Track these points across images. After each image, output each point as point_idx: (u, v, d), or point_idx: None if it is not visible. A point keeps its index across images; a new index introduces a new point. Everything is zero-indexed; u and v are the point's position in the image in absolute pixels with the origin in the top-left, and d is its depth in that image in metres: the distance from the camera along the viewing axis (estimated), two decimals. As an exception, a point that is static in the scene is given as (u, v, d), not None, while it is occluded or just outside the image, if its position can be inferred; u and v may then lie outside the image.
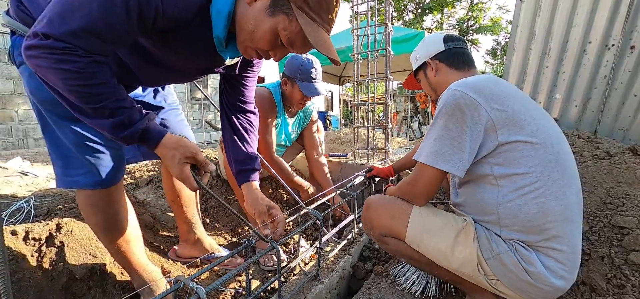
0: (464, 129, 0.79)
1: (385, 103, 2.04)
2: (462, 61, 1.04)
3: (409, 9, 14.70)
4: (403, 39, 4.54)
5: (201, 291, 0.62)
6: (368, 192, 1.63)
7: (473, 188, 0.87)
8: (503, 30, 15.68)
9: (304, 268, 1.19)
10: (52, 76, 0.60)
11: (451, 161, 0.80)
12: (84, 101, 0.63)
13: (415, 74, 1.18)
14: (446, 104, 0.82)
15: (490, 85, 0.82)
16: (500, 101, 0.79)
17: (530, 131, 0.78)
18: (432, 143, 0.84)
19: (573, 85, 1.96)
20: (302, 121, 1.88)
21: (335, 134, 4.12)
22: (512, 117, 0.78)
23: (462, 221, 0.88)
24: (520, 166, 0.77)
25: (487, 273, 0.83)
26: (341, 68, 8.15)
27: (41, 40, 0.57)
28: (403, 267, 1.13)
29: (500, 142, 0.78)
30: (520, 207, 0.78)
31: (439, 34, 1.08)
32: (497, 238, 0.82)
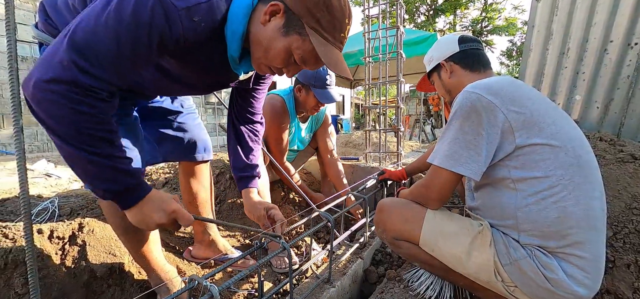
0: (480, 132, 0.77)
1: (398, 106, 2.02)
2: (477, 62, 1.02)
3: (420, 11, 14.56)
4: (415, 41, 4.50)
5: (214, 289, 0.63)
6: (380, 195, 1.62)
7: (490, 192, 0.85)
8: (519, 31, 15.30)
9: (316, 270, 1.19)
10: (66, 115, 0.56)
11: (467, 164, 0.79)
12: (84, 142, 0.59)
13: (429, 76, 1.17)
14: (461, 107, 0.81)
15: (507, 86, 0.81)
16: (517, 103, 0.77)
17: (549, 133, 0.75)
18: (446, 146, 0.83)
19: (594, 85, 1.89)
20: (315, 124, 1.90)
21: (346, 137, 4.12)
22: (530, 119, 0.76)
23: (478, 226, 0.85)
24: (539, 169, 0.75)
25: (505, 279, 0.80)
26: (352, 71, 8.15)
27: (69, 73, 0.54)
28: (417, 272, 1.11)
29: (518, 145, 0.76)
30: (539, 212, 0.75)
31: (454, 35, 1.06)
32: (515, 244, 0.79)
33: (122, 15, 0.57)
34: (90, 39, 0.56)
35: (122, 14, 0.57)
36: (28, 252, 0.41)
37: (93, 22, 0.57)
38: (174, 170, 2.10)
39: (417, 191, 0.96)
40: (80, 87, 0.55)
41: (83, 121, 0.57)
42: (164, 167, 2.20)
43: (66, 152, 0.59)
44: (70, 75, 0.54)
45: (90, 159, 0.59)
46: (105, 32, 0.57)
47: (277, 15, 0.70)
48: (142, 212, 0.68)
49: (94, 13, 0.58)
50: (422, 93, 7.32)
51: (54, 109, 0.55)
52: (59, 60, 0.55)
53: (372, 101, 2.22)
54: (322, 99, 1.59)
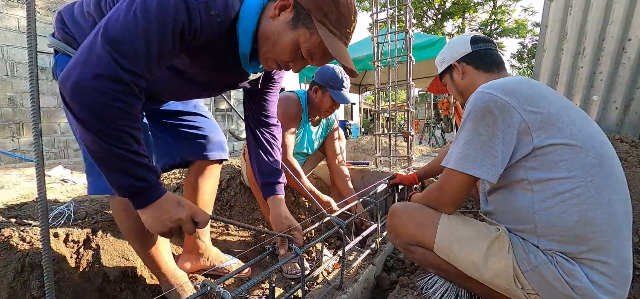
0: (495, 133, 0.75)
1: (408, 110, 2.00)
2: (490, 63, 1.00)
3: (428, 16, 14.51)
4: (423, 45, 4.49)
5: (227, 295, 0.63)
6: (391, 200, 1.59)
7: (505, 195, 0.82)
8: (529, 33, 15.04)
9: (327, 277, 1.17)
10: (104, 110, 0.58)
11: (483, 167, 0.76)
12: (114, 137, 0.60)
13: (441, 77, 1.15)
14: (475, 108, 0.78)
15: (522, 86, 0.78)
16: (534, 103, 0.75)
17: (569, 133, 0.72)
18: (460, 148, 0.80)
19: (612, 85, 1.83)
20: (325, 129, 1.89)
21: (355, 142, 4.10)
22: (548, 119, 0.73)
23: (495, 230, 0.82)
24: (558, 171, 0.72)
25: (525, 286, 0.77)
26: (360, 76, 8.15)
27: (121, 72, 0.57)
28: (431, 278, 1.08)
29: (535, 146, 0.73)
30: (559, 216, 0.72)
31: (466, 36, 1.04)
32: (534, 249, 0.76)
33: (148, 8, 0.60)
34: (123, 34, 0.58)
35: (148, 7, 0.60)
36: (45, 255, 0.41)
37: (122, 18, 0.59)
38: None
39: (430, 195, 0.94)
40: (119, 82, 0.58)
41: (117, 116, 0.59)
42: (175, 172, 2.23)
43: (95, 146, 0.60)
44: (112, 70, 0.57)
45: (118, 154, 0.61)
46: (135, 27, 0.59)
47: (287, 10, 0.72)
48: (159, 210, 0.69)
49: (122, 10, 0.60)
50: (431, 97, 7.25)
51: (93, 104, 0.57)
52: (98, 56, 0.57)
53: (381, 106, 2.20)
54: (339, 100, 1.62)
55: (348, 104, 1.67)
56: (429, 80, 7.18)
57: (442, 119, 7.62)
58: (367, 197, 1.39)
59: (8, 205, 1.43)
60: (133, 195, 0.66)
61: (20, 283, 0.94)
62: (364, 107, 15.64)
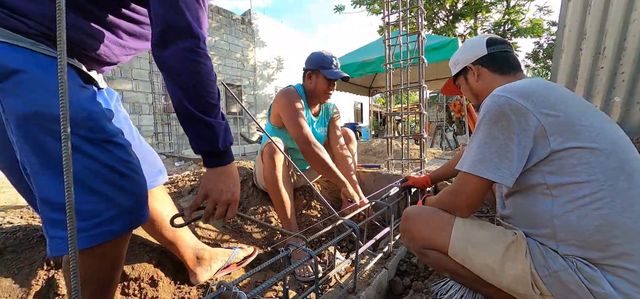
0: (510, 137, 0.74)
1: (421, 112, 1.98)
2: (506, 65, 0.98)
3: (439, 17, 14.34)
4: (435, 47, 4.44)
5: (243, 296, 0.64)
6: (404, 203, 1.58)
7: (522, 199, 0.80)
8: (545, 32, 14.65)
9: (340, 280, 1.17)
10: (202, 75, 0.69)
11: (498, 170, 0.75)
12: (212, 97, 0.72)
13: (455, 79, 1.14)
14: (490, 111, 0.77)
15: (539, 89, 0.77)
16: (551, 106, 0.73)
17: (588, 136, 0.71)
18: (475, 151, 0.79)
19: (635, 86, 1.76)
20: (326, 118, 1.94)
21: (366, 145, 4.08)
22: (565, 122, 0.72)
23: (511, 235, 0.81)
24: (578, 175, 0.70)
25: (544, 292, 0.75)
26: (370, 79, 8.13)
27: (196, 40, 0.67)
28: (446, 284, 1.07)
29: (553, 149, 0.72)
30: (579, 220, 0.70)
31: (482, 38, 1.03)
32: (553, 254, 0.74)
33: None
34: None
35: None
36: (71, 252, 0.43)
37: None
38: (199, 178, 2.16)
39: (444, 198, 0.93)
40: (203, 44, 0.68)
41: (210, 76, 0.71)
42: (189, 175, 2.27)
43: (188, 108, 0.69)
44: (200, 33, 0.68)
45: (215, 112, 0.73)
46: None
47: None
48: (224, 175, 0.78)
49: None
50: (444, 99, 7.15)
51: (196, 67, 0.67)
52: (188, 22, 0.66)
53: (392, 108, 2.19)
54: (332, 76, 1.68)
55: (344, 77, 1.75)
56: (440, 82, 7.09)
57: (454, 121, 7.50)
58: (379, 200, 1.38)
59: (32, 206, 1.49)
60: (216, 153, 0.76)
61: (45, 280, 0.97)
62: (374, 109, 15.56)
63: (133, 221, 0.70)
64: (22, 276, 0.97)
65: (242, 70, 10.10)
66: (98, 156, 0.65)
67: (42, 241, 1.07)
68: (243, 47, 10.16)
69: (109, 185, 0.65)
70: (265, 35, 10.98)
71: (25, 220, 1.28)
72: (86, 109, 0.65)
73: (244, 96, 9.99)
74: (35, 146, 0.59)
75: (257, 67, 10.65)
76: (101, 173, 0.65)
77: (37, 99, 0.59)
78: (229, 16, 9.63)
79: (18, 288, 0.94)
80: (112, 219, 0.65)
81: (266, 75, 11.03)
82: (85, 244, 0.62)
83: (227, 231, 1.64)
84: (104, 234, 0.64)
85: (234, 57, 9.77)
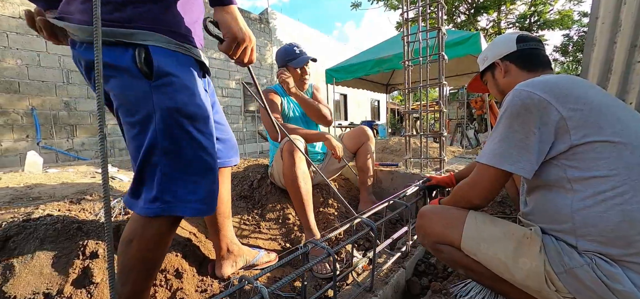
0: (531, 130, 0.75)
1: (440, 110, 1.94)
2: (536, 63, 0.97)
3: (460, 11, 13.87)
4: (455, 42, 4.30)
5: (264, 290, 0.66)
6: (422, 203, 1.56)
7: (544, 194, 0.80)
8: (575, 24, 13.81)
9: (357, 278, 1.18)
10: None
11: (517, 163, 0.76)
12: None
13: (482, 75, 1.14)
14: (511, 105, 0.78)
15: (562, 83, 0.77)
16: (573, 100, 0.74)
17: (612, 131, 0.70)
18: (495, 145, 0.81)
19: (676, 81, 1.64)
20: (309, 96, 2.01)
21: (383, 143, 4.04)
22: (588, 116, 0.72)
23: (525, 230, 0.81)
24: (599, 169, 0.70)
25: (560, 289, 0.74)
26: (387, 76, 8.01)
27: None
28: (465, 285, 1.05)
29: (573, 143, 0.72)
30: (600, 215, 0.68)
31: (512, 34, 1.02)
32: (569, 250, 0.73)
33: None
34: None
35: None
36: (108, 244, 0.46)
37: None
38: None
39: (460, 191, 0.94)
40: None
41: None
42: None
43: None
44: None
45: None
46: None
47: None
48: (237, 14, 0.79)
49: None
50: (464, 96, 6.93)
51: None
52: None
53: (411, 106, 2.15)
54: (298, 64, 1.83)
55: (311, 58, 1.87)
56: (461, 78, 6.87)
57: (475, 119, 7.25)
58: (397, 199, 1.37)
59: (69, 199, 1.60)
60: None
61: (80, 269, 1.04)
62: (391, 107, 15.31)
63: (208, 208, 0.82)
64: (61, 265, 1.04)
65: (259, 69, 10.25)
66: (206, 145, 0.80)
67: (78, 231, 1.14)
68: (261, 46, 10.30)
69: (203, 171, 0.80)
70: (282, 34, 11.07)
71: (62, 213, 1.37)
72: (205, 109, 0.80)
73: (261, 94, 10.11)
74: (168, 134, 0.74)
75: (274, 66, 10.77)
76: (204, 160, 0.79)
77: (179, 98, 0.74)
78: (247, 16, 9.79)
79: (57, 275, 1.01)
80: (199, 200, 0.79)
81: (283, 73, 11.11)
82: (182, 211, 0.77)
83: (245, 228, 1.68)
84: (192, 210, 0.78)
85: (251, 56, 9.90)
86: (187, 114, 0.76)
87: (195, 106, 0.77)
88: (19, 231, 1.10)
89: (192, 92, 0.77)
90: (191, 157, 0.77)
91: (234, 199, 1.89)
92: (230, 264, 1.26)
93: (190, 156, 0.77)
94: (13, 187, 2.03)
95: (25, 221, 1.17)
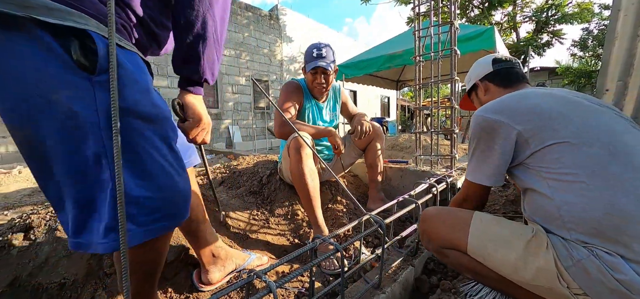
0: (492, 147, 0.87)
1: (452, 106, 1.90)
2: (511, 80, 1.08)
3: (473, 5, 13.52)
4: (469, 37, 4.19)
5: (273, 285, 0.66)
6: (432, 201, 1.54)
7: (532, 196, 0.85)
8: (596, 17, 13.27)
9: (365, 275, 1.17)
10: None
11: (490, 178, 0.90)
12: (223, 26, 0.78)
13: (469, 94, 1.26)
14: (473, 131, 0.93)
15: (512, 101, 0.89)
16: (522, 113, 0.84)
17: (566, 133, 0.78)
18: (470, 164, 0.96)
19: None
20: (335, 102, 2.00)
21: (393, 140, 4.00)
22: (540, 125, 0.81)
23: (531, 230, 0.82)
24: (565, 167, 0.76)
25: (570, 284, 0.73)
26: (398, 72, 7.91)
27: None
28: (476, 285, 1.03)
29: (534, 149, 0.81)
30: (583, 209, 0.72)
31: (488, 57, 1.17)
32: (574, 244, 0.73)
33: None
34: None
35: None
36: (121, 236, 0.47)
37: None
38: (229, 170, 2.25)
39: (456, 203, 1.06)
40: None
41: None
42: (220, 167, 2.38)
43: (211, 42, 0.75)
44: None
45: None
46: None
47: None
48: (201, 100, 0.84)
49: None
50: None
51: None
52: None
53: (421, 102, 2.12)
54: (309, 68, 1.76)
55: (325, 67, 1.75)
56: (473, 74, 6.73)
57: (488, 116, 7.07)
58: (407, 196, 1.36)
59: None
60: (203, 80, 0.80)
61: (95, 260, 1.08)
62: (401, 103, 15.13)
63: (182, 216, 0.72)
64: (77, 256, 1.08)
65: (269, 66, 10.29)
66: (168, 156, 0.68)
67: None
68: (270, 43, 10.33)
69: (169, 182, 0.68)
70: (291, 30, 11.07)
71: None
72: (165, 108, 0.69)
73: (271, 90, 10.18)
74: None
75: (284, 62, 10.79)
76: (168, 172, 0.67)
77: (128, 95, 0.59)
78: (257, 12, 9.82)
79: (74, 265, 1.05)
80: (169, 215, 0.68)
81: (293, 70, 11.15)
82: (147, 237, 0.64)
83: (254, 223, 1.70)
84: (159, 229, 0.66)
85: (261, 53, 9.97)
86: (141, 115, 0.62)
87: (150, 105, 0.64)
88: (38, 222, 1.14)
89: (145, 89, 0.64)
90: (151, 167, 0.64)
91: (243, 194, 1.91)
92: (218, 270, 1.18)
93: (149, 165, 0.64)
94: None
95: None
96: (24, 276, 1.08)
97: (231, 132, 8.99)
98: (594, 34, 14.28)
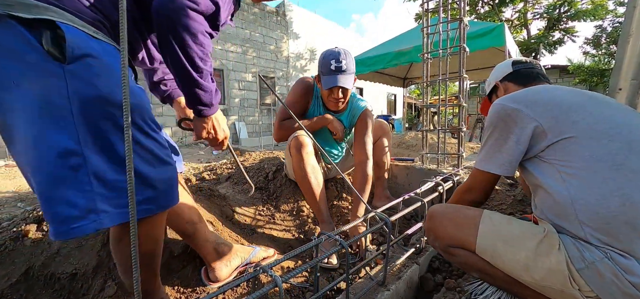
0: (508, 135, 0.86)
1: (460, 104, 1.88)
2: (530, 79, 1.08)
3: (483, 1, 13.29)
4: (478, 33, 4.12)
5: (278, 279, 0.67)
6: (438, 200, 1.53)
7: (545, 192, 0.82)
8: (610, 14, 12.93)
9: (370, 272, 1.18)
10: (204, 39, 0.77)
11: (502, 166, 0.88)
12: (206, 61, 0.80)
13: (490, 97, 1.25)
14: (490, 118, 0.92)
15: (530, 92, 0.89)
16: (542, 104, 0.83)
17: (585, 125, 0.76)
18: (482, 152, 0.94)
19: None
20: (351, 118, 1.76)
21: (399, 138, 3.98)
22: (558, 116, 0.80)
23: (541, 229, 0.80)
24: (584, 160, 0.74)
25: (582, 287, 0.71)
26: (405, 69, 7.84)
27: None
28: (481, 284, 1.02)
29: (551, 141, 0.79)
30: (599, 202, 0.70)
31: (508, 60, 1.17)
32: (587, 245, 0.72)
33: None
34: None
35: None
36: (132, 230, 0.48)
37: None
38: (235, 167, 2.27)
39: (457, 194, 1.05)
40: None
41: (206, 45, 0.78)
42: (226, 163, 2.40)
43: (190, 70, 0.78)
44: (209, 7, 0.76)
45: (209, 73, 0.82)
46: None
47: None
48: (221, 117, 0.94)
49: None
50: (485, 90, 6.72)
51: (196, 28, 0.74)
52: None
53: (429, 100, 2.10)
54: (325, 85, 1.51)
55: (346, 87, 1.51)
56: (483, 72, 6.63)
57: (496, 114, 6.99)
58: (413, 194, 1.35)
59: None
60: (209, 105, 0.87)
61: (105, 252, 1.10)
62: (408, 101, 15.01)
63: (167, 202, 0.77)
64: (88, 247, 1.11)
65: (275, 62, 10.31)
66: (144, 142, 0.70)
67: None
68: (277, 39, 10.34)
69: (150, 168, 0.71)
70: (298, 26, 11.05)
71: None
72: (140, 98, 0.71)
73: (277, 87, 10.20)
74: (92, 128, 0.63)
75: (290, 59, 10.79)
76: (145, 158, 0.70)
77: (102, 84, 0.63)
78: (264, 8, 9.82)
79: (85, 256, 1.08)
80: (149, 199, 0.71)
81: (299, 66, 11.14)
82: (123, 219, 0.67)
83: (260, 218, 1.72)
84: (141, 212, 0.70)
85: (268, 49, 9.98)
86: (115, 103, 0.64)
87: None
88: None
89: (118, 79, 0.65)
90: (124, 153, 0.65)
91: (249, 190, 1.93)
92: (224, 266, 1.17)
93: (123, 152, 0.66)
94: None
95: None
96: (37, 266, 1.11)
97: (237, 129, 9.05)
98: (608, 31, 13.92)
